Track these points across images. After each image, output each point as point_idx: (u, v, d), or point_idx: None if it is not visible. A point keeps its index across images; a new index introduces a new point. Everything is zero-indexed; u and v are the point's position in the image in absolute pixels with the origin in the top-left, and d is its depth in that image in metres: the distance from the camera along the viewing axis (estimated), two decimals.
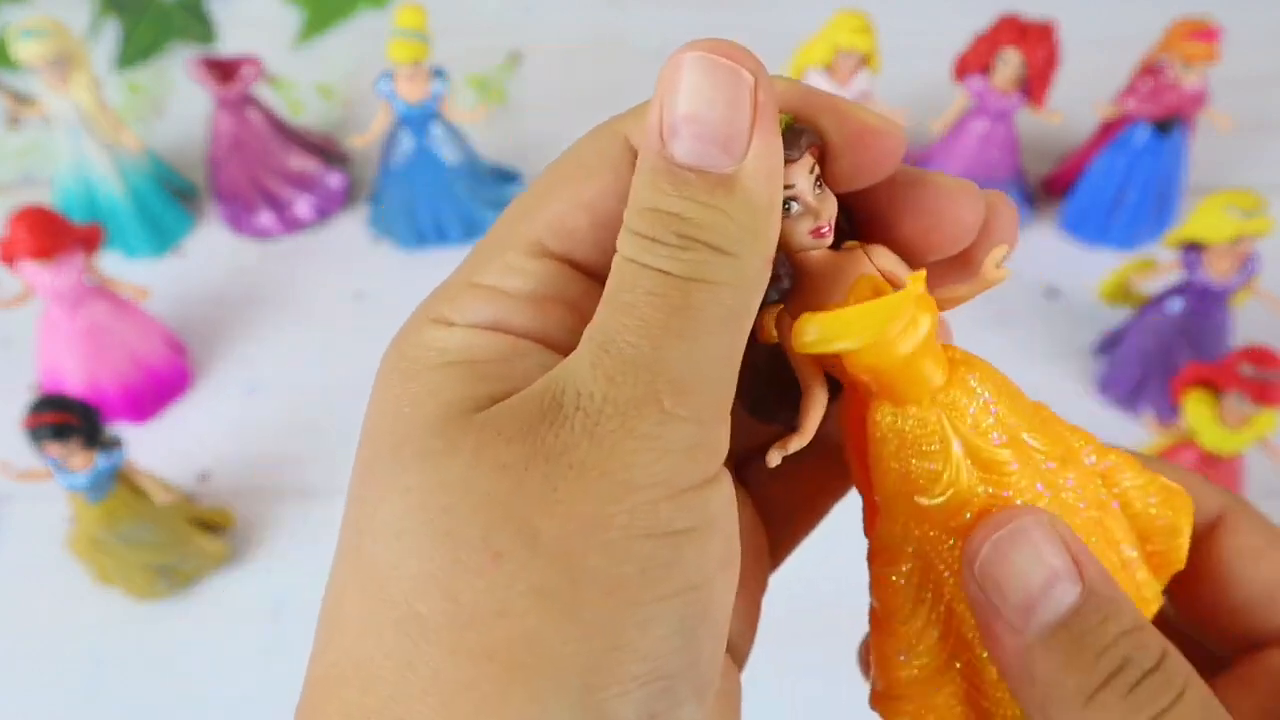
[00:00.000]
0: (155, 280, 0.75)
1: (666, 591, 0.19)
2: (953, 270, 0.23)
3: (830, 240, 0.22)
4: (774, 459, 0.22)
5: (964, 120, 0.76)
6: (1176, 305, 0.68)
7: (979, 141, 0.76)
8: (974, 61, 0.74)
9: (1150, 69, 0.75)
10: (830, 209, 0.22)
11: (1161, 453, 0.62)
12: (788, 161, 0.20)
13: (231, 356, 0.75)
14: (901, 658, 0.24)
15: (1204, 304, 0.67)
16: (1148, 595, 0.25)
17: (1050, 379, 0.73)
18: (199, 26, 0.94)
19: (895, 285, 0.22)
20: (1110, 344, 0.73)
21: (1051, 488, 0.23)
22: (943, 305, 0.22)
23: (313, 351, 0.75)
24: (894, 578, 0.24)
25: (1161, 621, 0.26)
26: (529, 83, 0.91)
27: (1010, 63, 0.72)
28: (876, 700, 0.25)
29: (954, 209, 0.22)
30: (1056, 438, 0.23)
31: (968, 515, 0.22)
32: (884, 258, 0.22)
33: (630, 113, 0.22)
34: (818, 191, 0.21)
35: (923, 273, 0.21)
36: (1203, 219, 0.64)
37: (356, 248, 0.81)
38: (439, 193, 0.78)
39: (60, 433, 0.55)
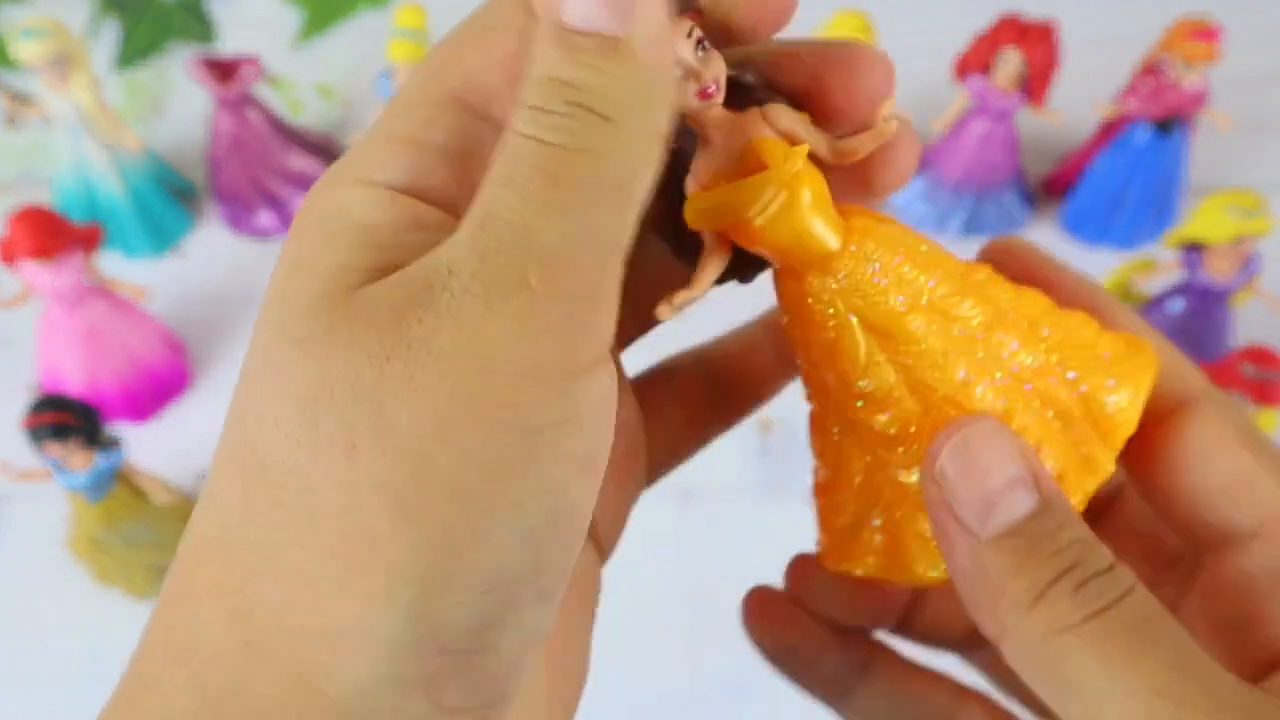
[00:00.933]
0: (155, 280, 0.75)
1: (514, 498, 0.18)
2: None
3: (719, 100, 0.22)
4: (664, 313, 0.22)
5: (964, 120, 0.76)
6: (1177, 305, 0.68)
7: (979, 141, 0.76)
8: (974, 61, 0.74)
9: (1150, 69, 0.74)
10: (715, 69, 0.21)
11: None
12: None
13: (231, 356, 0.75)
14: (839, 508, 0.25)
15: (1204, 304, 0.67)
16: (1099, 459, 0.24)
17: None
18: (199, 26, 0.94)
19: (794, 144, 0.22)
20: None
21: (970, 353, 0.23)
22: (843, 159, 0.23)
23: None
24: (825, 436, 0.25)
25: (1126, 522, 0.26)
26: None
27: (1010, 62, 0.72)
28: (823, 558, 0.26)
29: (855, 78, 0.23)
30: (988, 300, 0.23)
31: (864, 384, 0.23)
32: (783, 116, 0.22)
33: None
34: (700, 54, 0.21)
35: (803, 148, 0.22)
36: (1203, 219, 0.64)
37: None
38: None
39: (60, 433, 0.55)
